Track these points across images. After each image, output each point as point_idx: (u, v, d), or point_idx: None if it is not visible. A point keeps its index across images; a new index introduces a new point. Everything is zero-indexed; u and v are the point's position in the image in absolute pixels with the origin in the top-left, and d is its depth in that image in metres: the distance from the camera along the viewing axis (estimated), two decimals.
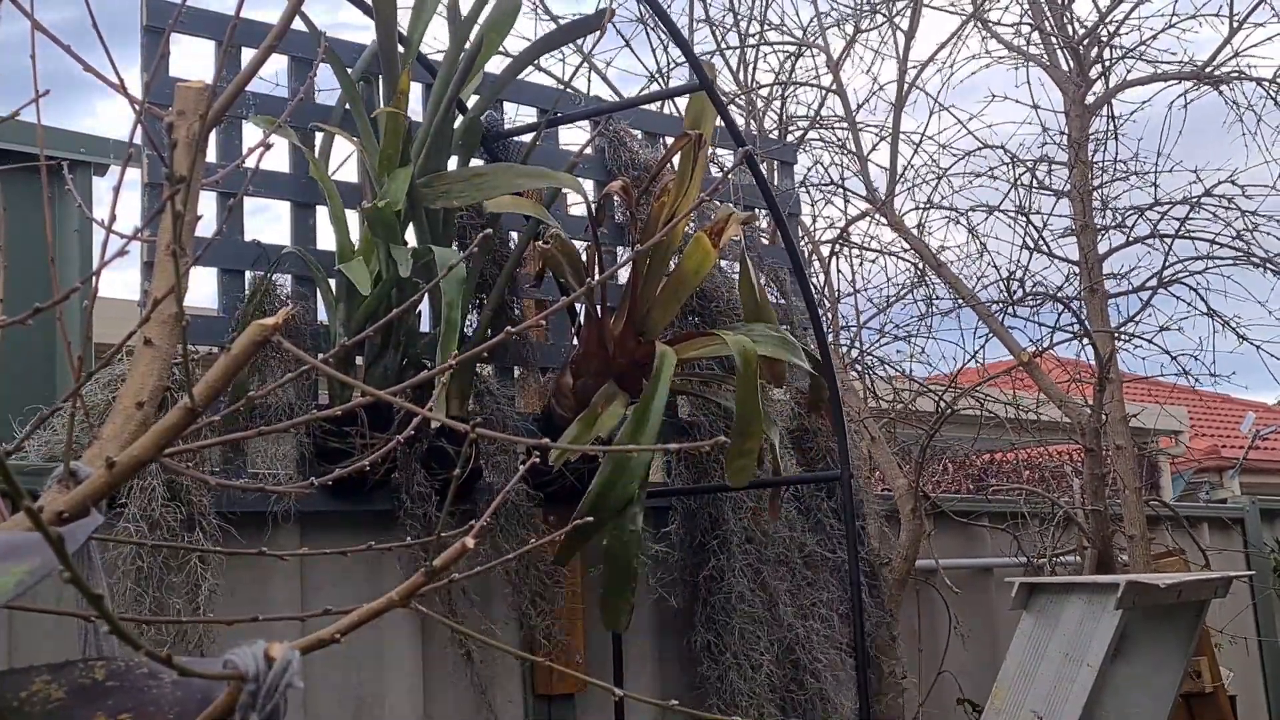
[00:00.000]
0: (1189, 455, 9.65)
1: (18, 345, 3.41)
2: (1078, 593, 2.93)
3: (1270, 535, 5.11)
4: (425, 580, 0.75)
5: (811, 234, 4.75)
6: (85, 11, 0.96)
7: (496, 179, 2.58)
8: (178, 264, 0.81)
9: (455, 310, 2.26)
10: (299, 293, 2.60)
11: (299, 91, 2.57)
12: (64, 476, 0.85)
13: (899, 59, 4.52)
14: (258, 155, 1.07)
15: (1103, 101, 4.31)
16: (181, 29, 2.46)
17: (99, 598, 0.57)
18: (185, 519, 2.22)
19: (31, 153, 3.32)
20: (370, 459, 1.12)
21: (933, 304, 4.72)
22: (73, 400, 0.89)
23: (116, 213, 0.92)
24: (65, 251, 3.59)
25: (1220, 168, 4.74)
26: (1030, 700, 2.91)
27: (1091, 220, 4.14)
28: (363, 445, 2.43)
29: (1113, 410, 3.97)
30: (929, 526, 3.65)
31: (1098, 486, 3.91)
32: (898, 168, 4.48)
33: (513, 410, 2.80)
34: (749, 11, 4.73)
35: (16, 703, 0.73)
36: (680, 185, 2.69)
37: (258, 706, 0.66)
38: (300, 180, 2.65)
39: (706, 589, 2.95)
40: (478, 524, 0.79)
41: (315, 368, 0.81)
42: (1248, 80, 4.29)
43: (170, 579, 2.21)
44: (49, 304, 0.80)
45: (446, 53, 2.61)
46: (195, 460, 2.17)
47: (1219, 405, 11.86)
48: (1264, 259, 4.26)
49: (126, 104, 0.94)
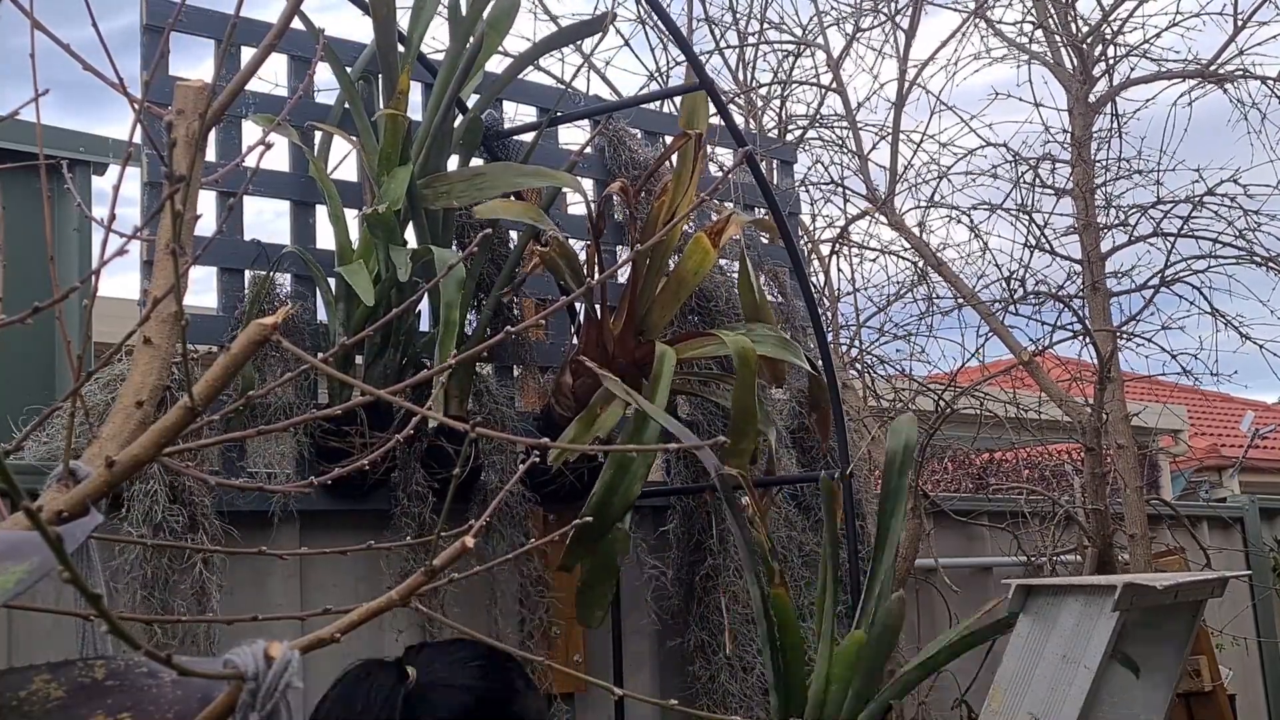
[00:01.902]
0: (1189, 454, 9.65)
1: (17, 345, 3.41)
2: (1075, 594, 2.93)
3: (1270, 534, 5.11)
4: (425, 579, 0.75)
5: (811, 233, 4.75)
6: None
7: (496, 179, 2.58)
8: (177, 263, 0.80)
9: (454, 310, 2.26)
10: (298, 292, 2.60)
11: (298, 90, 2.57)
12: (63, 476, 0.85)
13: (899, 57, 4.53)
14: (257, 154, 1.07)
15: (1106, 99, 4.31)
16: (181, 28, 2.46)
17: (97, 597, 0.57)
18: (188, 520, 2.22)
19: (30, 151, 3.32)
20: (370, 457, 1.12)
21: (933, 303, 4.72)
22: (72, 400, 0.88)
23: (116, 212, 0.92)
24: (64, 250, 3.59)
25: (1223, 166, 4.74)
26: (1028, 702, 2.90)
27: (1094, 219, 4.14)
28: (362, 444, 2.43)
29: (1114, 409, 3.97)
30: (929, 525, 3.65)
31: (1098, 485, 3.91)
32: (898, 167, 4.48)
33: (512, 410, 2.80)
34: (748, 10, 4.74)
35: (16, 701, 0.73)
36: (679, 185, 2.69)
37: (257, 706, 0.66)
38: (300, 179, 2.65)
39: (702, 588, 2.95)
40: (477, 524, 0.79)
41: (315, 367, 0.81)
42: (1252, 79, 4.28)
43: (175, 581, 2.21)
44: (48, 303, 0.80)
45: (447, 51, 2.61)
46: (195, 460, 2.17)
47: (1219, 404, 11.86)
48: (1266, 258, 4.25)
49: (134, 105, 0.94)
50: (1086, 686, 2.81)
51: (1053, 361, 4.77)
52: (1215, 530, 4.94)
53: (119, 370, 2.16)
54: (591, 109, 3.20)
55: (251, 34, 2.52)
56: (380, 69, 2.56)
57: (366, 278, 2.32)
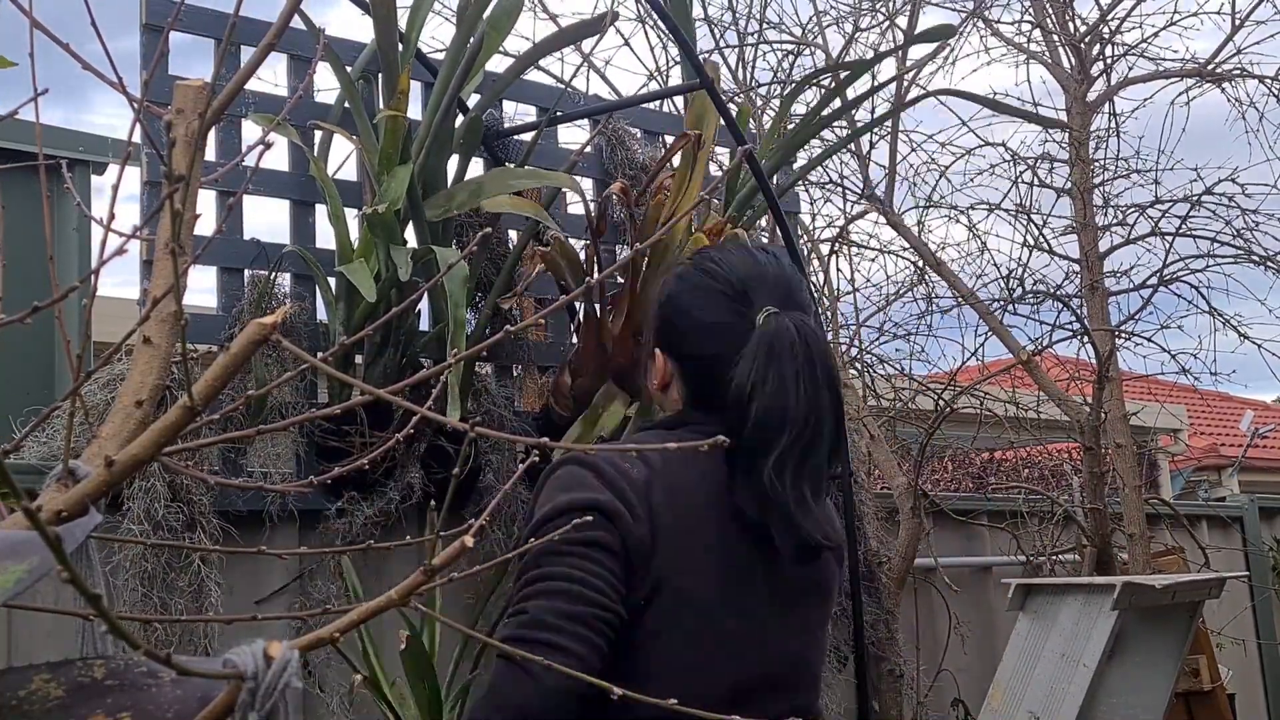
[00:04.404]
0: (1188, 454, 9.66)
1: (17, 345, 3.41)
2: (1074, 594, 2.94)
3: (1269, 533, 5.12)
4: (425, 579, 0.75)
5: (811, 232, 4.76)
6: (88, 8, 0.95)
7: (494, 184, 2.58)
8: (176, 262, 0.80)
9: (461, 309, 2.26)
10: (298, 291, 2.60)
11: (298, 90, 2.57)
12: (62, 475, 0.85)
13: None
14: (257, 153, 1.07)
15: (1104, 99, 4.31)
16: (181, 27, 2.46)
17: (97, 597, 0.57)
18: (188, 519, 2.23)
19: (30, 151, 3.32)
20: (369, 457, 1.12)
21: (932, 302, 4.73)
22: (72, 399, 0.88)
23: (115, 211, 0.92)
24: (64, 250, 3.59)
25: (1221, 165, 4.75)
26: (1028, 701, 2.91)
27: (1092, 218, 4.14)
28: (362, 444, 2.43)
29: (1112, 409, 3.97)
30: (928, 525, 3.65)
31: (1097, 485, 3.91)
32: (897, 166, 4.48)
33: (511, 410, 2.80)
34: (748, 10, 4.74)
35: (15, 701, 0.73)
36: (680, 185, 2.69)
37: (257, 705, 0.66)
38: (300, 179, 2.65)
39: None
40: (476, 523, 0.79)
41: (315, 366, 0.81)
42: (1250, 78, 4.29)
43: (173, 579, 2.21)
44: (48, 303, 0.80)
45: (448, 51, 2.60)
46: (195, 459, 2.17)
47: (1218, 404, 11.87)
48: (1264, 257, 4.26)
49: (126, 99, 0.94)
50: (1085, 685, 2.82)
51: (1051, 361, 4.78)
52: (1214, 530, 4.94)
53: (119, 370, 2.16)
54: (591, 109, 3.20)
55: (251, 33, 2.52)
56: (380, 68, 2.56)
57: (368, 275, 2.32)
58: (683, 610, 1.41)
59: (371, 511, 2.50)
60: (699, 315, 1.53)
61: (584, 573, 1.35)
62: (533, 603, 1.35)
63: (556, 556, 1.37)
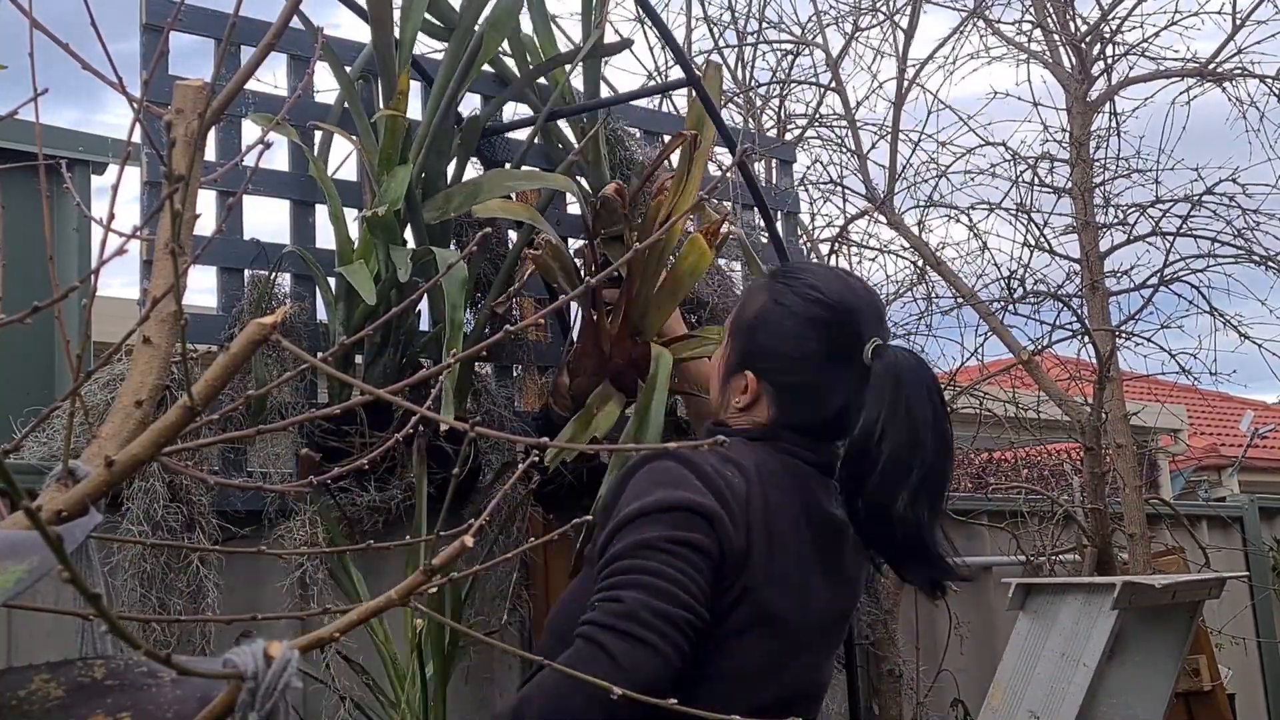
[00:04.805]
0: (1188, 453, 9.66)
1: (17, 345, 3.41)
2: (1074, 593, 2.93)
3: (1269, 533, 5.12)
4: (425, 579, 0.75)
5: (810, 233, 4.75)
6: (85, 7, 0.95)
7: (491, 186, 2.58)
8: (176, 262, 0.80)
9: (459, 310, 2.26)
10: (298, 292, 2.60)
11: (298, 90, 2.57)
12: (62, 475, 0.85)
13: (898, 56, 4.53)
14: (257, 153, 1.07)
15: (1105, 99, 4.31)
16: (181, 27, 2.46)
17: (97, 596, 0.57)
18: (187, 520, 2.23)
19: (30, 151, 3.32)
20: (369, 456, 1.12)
21: (932, 302, 4.73)
22: (72, 399, 0.88)
23: (115, 211, 0.92)
24: (64, 250, 3.59)
25: (1222, 165, 4.75)
26: (1028, 700, 2.91)
27: (1093, 218, 4.14)
28: (362, 444, 2.43)
29: (1113, 408, 3.97)
30: None
31: (1097, 485, 3.91)
32: (897, 166, 4.48)
33: (510, 410, 2.80)
34: (747, 10, 4.74)
35: (15, 701, 0.73)
36: (677, 185, 2.69)
37: (257, 705, 0.66)
38: (300, 179, 2.65)
39: None
40: (476, 523, 0.79)
41: (315, 366, 0.81)
42: (1250, 78, 4.29)
43: (172, 580, 2.21)
44: (48, 303, 0.80)
45: (448, 50, 2.60)
46: (194, 459, 2.17)
47: (1218, 404, 11.87)
48: (1265, 257, 4.26)
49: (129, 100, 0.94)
50: (1085, 684, 2.82)
51: (1052, 361, 4.77)
52: (1214, 530, 4.94)
53: (118, 370, 2.16)
54: (585, 105, 3.20)
55: (251, 33, 2.52)
56: (379, 69, 2.56)
57: (368, 276, 2.32)
58: (757, 623, 1.43)
59: (374, 499, 2.50)
60: (804, 345, 1.52)
61: (680, 573, 1.35)
62: (627, 592, 1.33)
63: (653, 551, 1.35)
